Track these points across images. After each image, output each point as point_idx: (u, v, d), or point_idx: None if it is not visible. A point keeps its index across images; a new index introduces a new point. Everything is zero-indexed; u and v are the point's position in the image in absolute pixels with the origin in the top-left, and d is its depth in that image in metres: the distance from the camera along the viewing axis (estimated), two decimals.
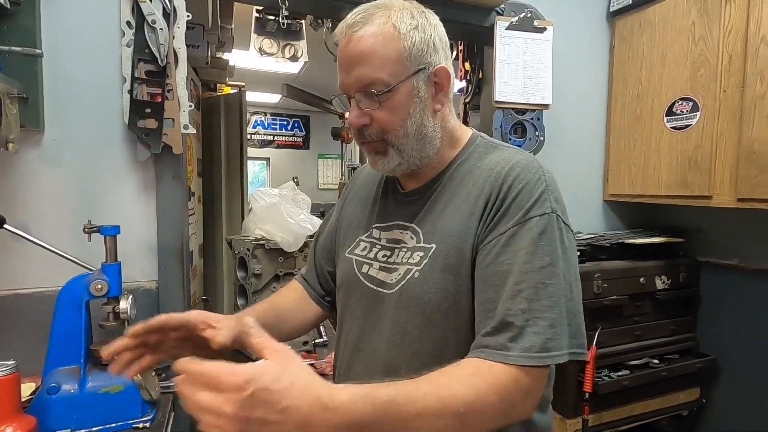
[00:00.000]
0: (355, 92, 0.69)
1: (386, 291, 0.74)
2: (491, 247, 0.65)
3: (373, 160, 0.74)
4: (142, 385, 0.98)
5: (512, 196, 0.66)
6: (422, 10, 0.72)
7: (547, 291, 0.61)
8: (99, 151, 1.17)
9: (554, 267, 0.63)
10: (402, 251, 0.75)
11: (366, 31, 0.67)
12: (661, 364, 1.74)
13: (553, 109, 1.72)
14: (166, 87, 1.16)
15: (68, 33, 1.13)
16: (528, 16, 1.64)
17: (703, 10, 1.55)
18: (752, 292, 1.71)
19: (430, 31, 0.71)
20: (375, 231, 0.82)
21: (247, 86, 2.40)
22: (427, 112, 0.71)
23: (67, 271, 1.05)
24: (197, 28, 1.63)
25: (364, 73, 0.67)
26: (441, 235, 0.71)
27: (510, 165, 0.69)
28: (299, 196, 1.79)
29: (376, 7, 0.70)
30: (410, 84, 0.69)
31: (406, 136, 0.70)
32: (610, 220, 2.00)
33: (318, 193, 7.05)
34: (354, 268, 0.81)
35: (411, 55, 0.68)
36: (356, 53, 0.68)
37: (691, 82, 1.60)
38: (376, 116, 0.70)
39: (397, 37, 0.67)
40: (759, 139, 1.40)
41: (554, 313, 0.61)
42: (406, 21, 0.68)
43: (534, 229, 0.64)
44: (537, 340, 0.59)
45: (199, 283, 1.85)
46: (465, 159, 0.76)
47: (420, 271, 0.71)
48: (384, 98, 0.68)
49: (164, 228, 1.22)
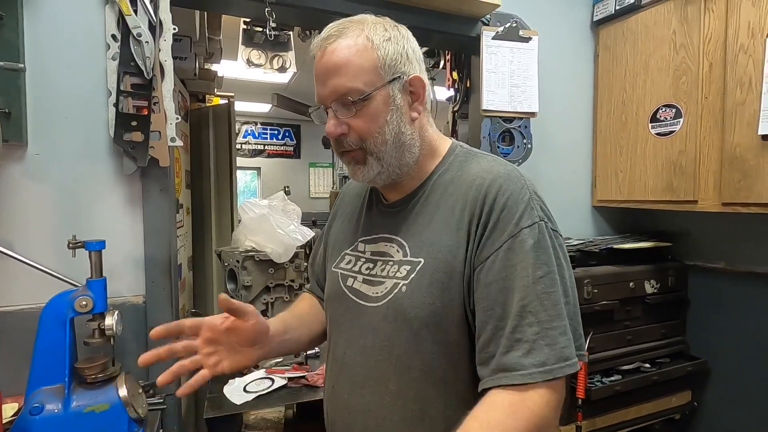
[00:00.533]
0: (332, 102, 0.70)
1: (371, 304, 0.74)
2: (490, 264, 0.65)
3: (353, 170, 0.75)
4: (129, 402, 0.97)
5: (499, 209, 0.67)
6: (394, 24, 0.74)
7: (550, 300, 0.62)
8: (84, 164, 1.16)
9: (552, 274, 0.64)
10: (388, 264, 0.75)
11: (340, 43, 0.69)
12: (653, 368, 1.75)
13: (540, 117, 1.74)
14: (153, 100, 1.15)
15: (53, 46, 1.13)
16: (513, 26, 1.67)
17: (683, 19, 1.59)
18: (739, 294, 1.74)
19: (403, 42, 0.73)
20: (360, 244, 0.82)
21: (237, 96, 2.40)
22: (404, 120, 0.72)
23: (51, 287, 1.04)
24: (184, 40, 1.63)
25: (340, 82, 0.69)
26: (429, 250, 0.71)
27: (491, 176, 0.70)
28: (289, 207, 1.78)
29: (349, 22, 0.72)
30: (386, 92, 0.70)
31: (385, 143, 0.71)
32: (599, 226, 2.02)
33: (309, 202, 7.04)
34: (339, 281, 0.81)
35: (385, 64, 0.70)
36: (331, 64, 0.69)
37: (673, 90, 1.63)
38: (353, 124, 0.70)
39: (371, 47, 0.69)
40: (740, 144, 1.43)
41: (561, 321, 0.62)
42: (379, 33, 0.70)
43: (527, 240, 0.64)
44: (551, 353, 0.60)
45: (188, 296, 1.82)
46: (446, 169, 0.77)
47: (407, 285, 0.70)
48: (360, 106, 0.69)
49: (151, 242, 1.21)
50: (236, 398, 1.28)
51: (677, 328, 1.88)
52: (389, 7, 1.48)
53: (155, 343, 1.20)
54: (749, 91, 1.40)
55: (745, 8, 1.41)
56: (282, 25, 1.53)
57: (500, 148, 1.70)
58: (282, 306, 1.60)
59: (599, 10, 1.89)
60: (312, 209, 6.50)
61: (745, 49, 1.41)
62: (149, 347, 1.21)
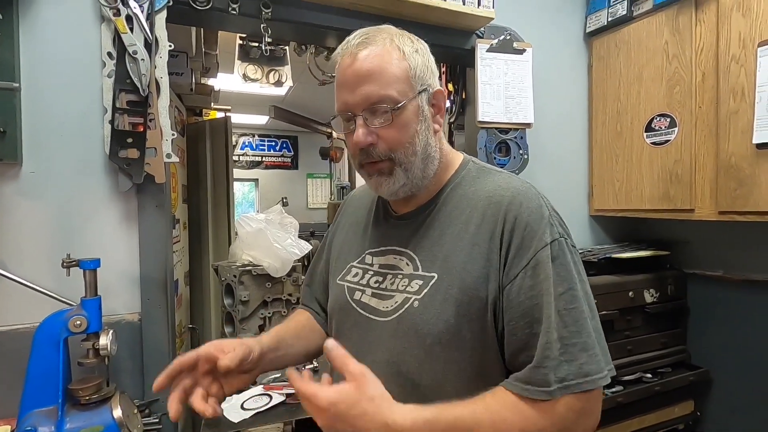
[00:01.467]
0: (362, 110, 0.69)
1: (380, 319, 0.73)
2: (520, 282, 0.65)
3: (377, 182, 0.73)
4: (124, 423, 0.95)
5: (522, 227, 0.67)
6: (416, 37, 0.75)
7: (571, 316, 0.63)
8: (79, 182, 1.15)
9: (574, 290, 0.64)
10: (398, 278, 0.74)
11: (372, 50, 0.69)
12: (654, 378, 1.74)
13: (536, 128, 1.75)
14: (148, 116, 1.15)
15: (48, 64, 1.13)
16: (507, 38, 1.68)
17: (675, 30, 1.61)
18: (738, 302, 1.73)
19: (427, 56, 0.74)
20: (368, 257, 0.80)
21: (234, 108, 2.41)
22: (430, 132, 0.73)
23: (45, 306, 1.03)
24: (181, 55, 1.64)
25: (373, 90, 0.67)
26: (443, 265, 0.70)
27: (510, 194, 0.70)
28: (286, 220, 1.78)
29: (377, 30, 0.72)
30: (416, 103, 0.70)
31: (414, 154, 0.71)
32: (597, 235, 2.02)
33: (307, 213, 7.04)
34: (346, 294, 0.80)
35: (416, 75, 0.70)
36: (363, 71, 0.68)
37: (667, 99, 1.64)
38: (384, 134, 0.69)
39: (402, 57, 0.69)
40: (735, 153, 1.43)
41: (583, 336, 0.62)
42: (407, 44, 0.71)
43: (550, 257, 0.65)
44: (571, 368, 0.61)
45: (185, 312, 1.81)
46: (458, 183, 0.76)
47: (420, 300, 0.69)
48: (394, 114, 0.68)
49: (147, 258, 1.20)
50: (233, 416, 1.26)
51: (678, 337, 1.87)
52: (384, 21, 1.46)
53: (151, 362, 1.19)
54: (742, 100, 1.41)
55: (735, 19, 1.43)
56: (278, 40, 1.54)
57: (497, 159, 1.70)
58: (279, 321, 1.59)
59: (592, 21, 1.91)
60: (310, 220, 6.49)
61: (737, 59, 1.42)
62: (145, 366, 1.20)
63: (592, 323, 0.64)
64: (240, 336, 1.53)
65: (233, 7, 1.29)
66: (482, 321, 0.67)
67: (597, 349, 0.63)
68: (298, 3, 1.38)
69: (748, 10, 1.39)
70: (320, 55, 1.71)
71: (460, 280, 0.67)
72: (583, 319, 0.63)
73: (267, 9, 1.32)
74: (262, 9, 1.32)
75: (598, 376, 0.61)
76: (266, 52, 1.39)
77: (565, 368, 0.61)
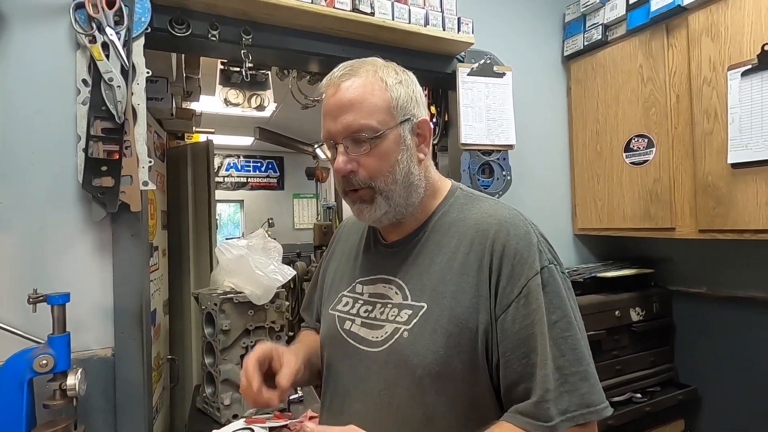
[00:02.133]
0: (343, 138, 0.70)
1: (370, 349, 0.72)
2: (513, 312, 0.65)
3: (359, 209, 0.74)
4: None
5: (511, 256, 0.67)
6: (402, 68, 0.77)
7: (567, 344, 0.62)
8: (51, 212, 1.11)
9: (568, 318, 0.64)
10: (387, 307, 0.73)
11: (355, 81, 0.70)
12: (644, 398, 1.72)
13: (518, 149, 1.76)
14: (125, 144, 1.12)
15: (20, 91, 1.10)
16: (487, 62, 1.71)
17: (648, 54, 1.66)
18: (723, 318, 1.74)
19: (413, 86, 0.75)
20: (358, 285, 0.80)
21: (219, 130, 2.39)
22: (413, 161, 0.73)
23: (10, 344, 0.97)
24: (161, 80, 1.63)
25: (353, 119, 0.69)
26: (432, 294, 0.69)
27: (497, 222, 0.70)
28: (270, 244, 1.74)
29: (362, 62, 0.74)
30: (397, 132, 0.71)
31: (395, 182, 0.71)
32: (582, 253, 2.03)
33: (294, 234, 6.97)
34: (336, 324, 0.79)
35: (398, 105, 0.71)
36: (345, 101, 0.70)
37: (644, 120, 1.68)
38: (364, 162, 0.70)
39: (385, 88, 0.71)
40: (712, 172, 1.46)
41: (583, 365, 0.62)
42: (391, 75, 0.72)
43: (542, 285, 0.65)
44: (573, 399, 0.60)
45: (163, 343, 1.74)
46: (446, 210, 0.77)
47: (409, 330, 0.68)
48: (373, 144, 0.69)
49: (121, 290, 1.15)
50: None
51: (666, 355, 1.87)
52: (367, 47, 1.51)
53: (124, 399, 1.13)
54: (716, 121, 1.45)
55: (705, 43, 1.48)
56: (259, 65, 1.53)
57: (480, 181, 1.71)
58: None
59: (569, 45, 1.96)
60: (297, 240, 6.43)
61: (709, 82, 1.47)
62: (117, 404, 1.14)
63: (584, 350, 0.64)
64: (220, 366, 1.47)
65: (213, 33, 1.28)
66: (473, 352, 0.66)
67: (596, 378, 0.63)
68: (279, 29, 1.39)
69: (716, 35, 1.44)
70: (303, 80, 1.71)
71: (450, 311, 0.67)
72: (581, 346, 0.63)
73: (247, 35, 1.32)
74: (243, 35, 1.32)
75: (600, 407, 0.61)
76: (247, 78, 1.39)
77: (566, 399, 0.60)
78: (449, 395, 0.66)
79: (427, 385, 0.66)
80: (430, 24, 1.53)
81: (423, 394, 0.66)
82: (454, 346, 0.65)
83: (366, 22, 1.41)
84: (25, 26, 1.11)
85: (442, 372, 0.65)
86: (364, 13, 1.42)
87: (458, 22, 1.59)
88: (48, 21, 1.13)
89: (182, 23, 1.25)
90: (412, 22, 1.50)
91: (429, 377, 0.66)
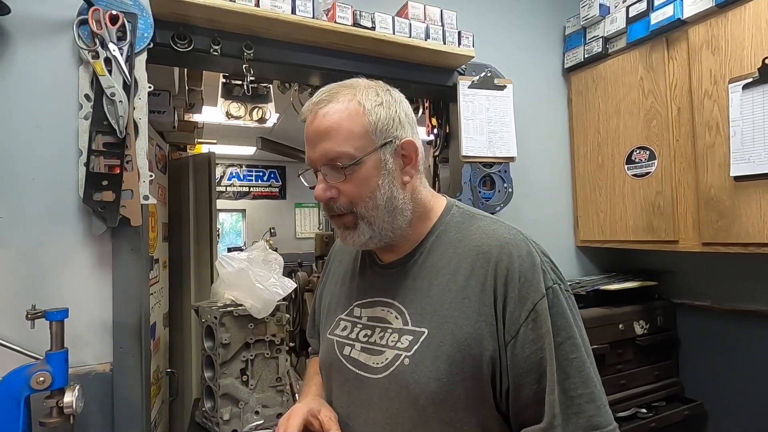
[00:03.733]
0: (321, 166, 0.69)
1: (371, 376, 0.70)
2: (523, 337, 0.64)
3: (343, 235, 0.73)
4: None
5: (516, 280, 0.65)
6: (387, 88, 0.75)
7: (573, 366, 0.62)
8: (51, 227, 1.11)
9: (573, 339, 0.64)
10: (387, 332, 0.71)
11: (331, 107, 0.69)
12: (649, 413, 1.70)
13: (519, 161, 1.76)
14: (126, 158, 1.13)
15: (23, 106, 1.10)
16: (488, 75, 1.72)
17: (649, 66, 1.66)
18: (727, 332, 1.72)
19: (395, 107, 0.72)
20: (356, 309, 0.78)
21: (221, 140, 2.40)
22: (396, 184, 0.71)
23: (8, 360, 0.96)
24: (163, 94, 1.63)
25: (330, 147, 0.68)
26: (432, 319, 0.68)
27: (498, 244, 0.68)
28: (270, 256, 1.73)
29: (342, 86, 0.72)
30: (377, 157, 0.69)
31: (376, 207, 0.69)
32: (584, 265, 2.01)
33: (296, 243, 6.97)
34: (335, 349, 0.77)
35: (377, 129, 0.69)
36: (322, 128, 0.69)
37: (645, 132, 1.68)
38: (344, 189, 0.69)
39: (362, 112, 0.69)
40: (714, 185, 1.46)
41: (589, 387, 0.62)
42: (371, 98, 0.70)
43: (548, 308, 0.64)
44: (580, 421, 0.60)
45: (163, 356, 1.73)
46: (443, 230, 0.75)
47: (410, 357, 0.67)
48: (350, 171, 0.68)
49: (121, 305, 1.15)
50: None
51: (670, 369, 1.84)
52: (368, 60, 1.52)
53: (122, 415, 1.12)
54: (717, 134, 1.45)
55: (705, 56, 1.48)
56: (261, 79, 1.54)
57: (481, 193, 1.70)
58: (263, 363, 1.53)
59: (569, 58, 1.97)
60: (298, 250, 6.42)
61: (710, 95, 1.47)
62: (115, 420, 1.13)
63: (591, 367, 0.64)
64: (219, 380, 1.46)
65: (215, 48, 1.29)
66: (476, 379, 0.64)
67: (604, 400, 0.62)
68: (281, 43, 1.40)
69: (717, 49, 1.45)
70: (304, 92, 1.72)
71: (452, 336, 0.65)
72: (587, 368, 0.63)
73: (249, 50, 1.33)
74: (244, 50, 1.32)
75: (607, 429, 0.61)
76: (249, 91, 1.39)
77: (573, 422, 0.60)
78: (453, 424, 0.65)
79: (430, 413, 0.65)
80: (430, 38, 1.54)
81: (426, 423, 0.65)
82: (458, 373, 0.64)
83: (367, 36, 1.42)
84: (28, 41, 1.12)
85: (446, 400, 0.64)
86: (365, 27, 1.43)
87: (459, 35, 1.60)
88: (51, 36, 1.14)
89: (184, 38, 1.26)
90: (413, 36, 1.51)
91: (432, 406, 0.64)
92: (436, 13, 1.59)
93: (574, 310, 0.67)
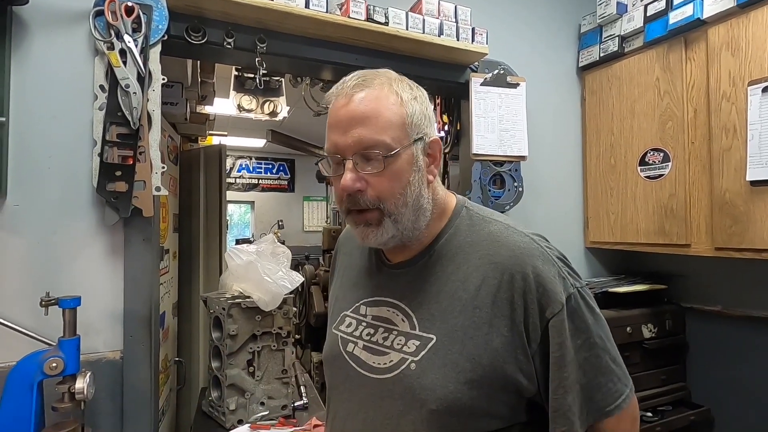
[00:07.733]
0: (353, 154, 0.65)
1: (373, 376, 0.69)
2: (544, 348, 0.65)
3: (364, 232, 0.68)
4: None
5: (534, 289, 0.64)
6: (415, 83, 0.73)
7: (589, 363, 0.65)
8: (65, 216, 1.12)
9: (589, 339, 0.65)
10: (392, 334, 0.70)
11: (369, 93, 0.65)
12: (655, 417, 1.69)
13: (530, 160, 1.75)
14: (139, 149, 1.14)
15: (38, 97, 1.12)
16: (501, 72, 1.70)
17: (665, 67, 1.63)
18: (738, 339, 1.70)
19: (426, 104, 0.71)
20: (362, 307, 0.77)
21: (232, 132, 2.41)
22: (424, 182, 0.69)
23: (22, 346, 0.99)
24: (176, 86, 1.64)
25: (365, 134, 0.64)
26: (441, 326, 0.66)
27: (512, 255, 0.66)
28: (279, 249, 1.74)
29: (375, 74, 0.69)
30: (410, 151, 0.67)
31: (405, 205, 0.66)
32: (593, 267, 2.00)
33: (303, 236, 7.00)
34: (339, 345, 0.77)
35: (412, 123, 0.67)
36: (358, 113, 0.65)
37: (660, 134, 1.65)
38: (374, 182, 0.65)
39: (400, 103, 0.67)
40: (729, 189, 1.43)
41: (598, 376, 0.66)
42: (406, 90, 0.69)
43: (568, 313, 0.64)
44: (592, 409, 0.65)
45: (171, 345, 1.75)
46: (453, 233, 0.72)
47: (417, 363, 0.66)
48: (386, 162, 0.64)
49: (132, 294, 1.16)
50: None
51: (678, 373, 1.82)
52: (381, 56, 1.51)
53: (131, 403, 1.14)
54: (734, 137, 1.42)
55: (724, 58, 1.45)
56: (273, 72, 1.55)
57: (491, 191, 1.69)
58: (269, 355, 1.54)
59: (584, 56, 1.94)
60: (306, 243, 6.46)
61: (728, 97, 1.44)
62: (125, 407, 1.15)
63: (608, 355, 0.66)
64: (226, 371, 1.47)
65: (228, 41, 1.29)
66: (484, 389, 0.64)
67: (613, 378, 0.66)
68: (294, 37, 1.39)
69: (737, 50, 1.41)
70: (315, 87, 1.72)
71: (461, 345, 0.64)
72: (599, 360, 0.65)
73: (262, 43, 1.33)
74: (257, 43, 1.33)
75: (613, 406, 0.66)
76: (261, 85, 1.40)
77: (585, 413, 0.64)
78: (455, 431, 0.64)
79: (434, 419, 0.64)
80: (444, 34, 1.53)
81: (429, 427, 0.64)
82: (465, 382, 0.63)
83: (380, 31, 1.42)
84: (45, 32, 1.13)
85: (451, 407, 0.63)
86: (378, 22, 1.42)
87: (472, 32, 1.58)
88: (67, 27, 1.15)
89: (198, 31, 1.27)
90: (426, 32, 1.50)
91: (436, 412, 0.64)
92: (450, 9, 1.58)
93: (589, 308, 0.67)
